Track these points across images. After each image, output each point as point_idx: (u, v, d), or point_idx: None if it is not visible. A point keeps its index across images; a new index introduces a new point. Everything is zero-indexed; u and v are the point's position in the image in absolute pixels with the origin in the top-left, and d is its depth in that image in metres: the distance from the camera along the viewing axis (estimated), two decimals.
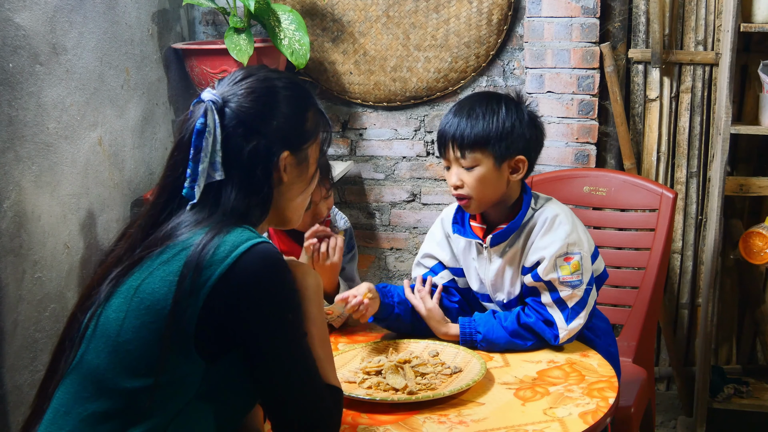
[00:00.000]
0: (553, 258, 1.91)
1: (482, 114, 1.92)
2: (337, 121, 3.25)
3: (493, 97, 1.98)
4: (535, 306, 1.95)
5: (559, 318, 1.93)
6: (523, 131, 1.94)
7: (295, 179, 1.50)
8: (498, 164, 1.93)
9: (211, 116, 1.42)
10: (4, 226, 2.13)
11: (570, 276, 1.92)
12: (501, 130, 1.91)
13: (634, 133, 2.96)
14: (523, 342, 1.95)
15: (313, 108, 1.53)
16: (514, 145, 1.93)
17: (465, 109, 1.94)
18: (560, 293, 1.92)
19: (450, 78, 3.08)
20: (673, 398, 3.13)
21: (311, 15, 3.11)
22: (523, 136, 1.94)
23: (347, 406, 1.72)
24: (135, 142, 2.79)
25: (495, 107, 1.93)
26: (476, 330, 1.97)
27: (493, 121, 1.92)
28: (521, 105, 1.98)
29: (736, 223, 2.96)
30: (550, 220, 1.95)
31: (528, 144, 1.96)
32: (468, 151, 1.92)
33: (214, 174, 1.42)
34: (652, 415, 2.54)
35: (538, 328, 1.94)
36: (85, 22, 2.48)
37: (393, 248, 3.30)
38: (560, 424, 1.63)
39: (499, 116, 1.92)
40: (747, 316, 3.06)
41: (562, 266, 1.92)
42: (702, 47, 2.88)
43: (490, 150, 1.92)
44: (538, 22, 2.90)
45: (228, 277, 1.34)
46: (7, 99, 2.14)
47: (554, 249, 1.92)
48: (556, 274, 1.92)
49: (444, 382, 1.79)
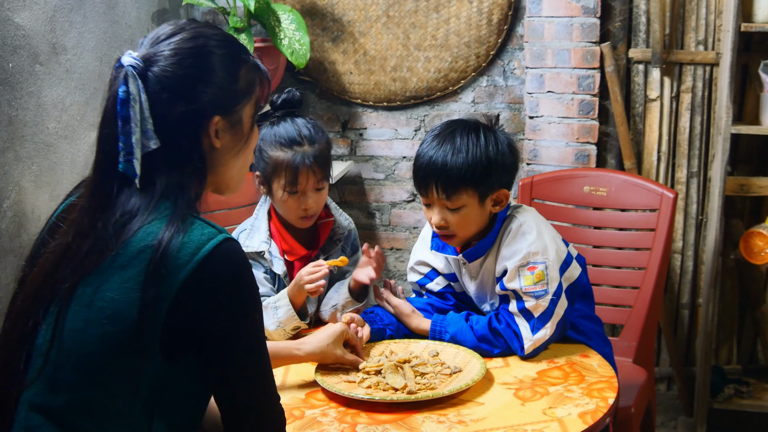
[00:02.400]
0: (515, 267, 1.88)
1: (465, 151, 1.85)
2: (337, 121, 3.25)
3: (471, 129, 1.89)
4: (504, 314, 1.92)
5: (525, 328, 1.89)
6: (504, 163, 1.89)
7: (229, 144, 1.41)
8: (482, 201, 1.89)
9: (134, 83, 1.32)
10: (4, 226, 2.13)
11: (533, 286, 1.87)
12: (484, 169, 1.86)
13: (635, 133, 2.95)
14: (490, 348, 1.92)
15: (246, 65, 1.42)
16: (497, 181, 1.89)
17: (446, 147, 1.87)
18: (525, 303, 1.89)
19: (450, 78, 3.08)
20: (673, 398, 3.12)
21: (311, 15, 3.11)
22: (505, 169, 1.90)
23: (347, 405, 1.72)
24: None
25: (475, 142, 1.86)
26: (445, 330, 1.96)
27: (476, 160, 1.85)
28: (497, 133, 1.91)
29: (737, 223, 2.96)
30: (515, 229, 1.92)
31: (509, 175, 1.93)
32: (453, 194, 1.87)
33: (148, 143, 1.33)
34: (652, 415, 2.54)
35: (506, 336, 1.91)
36: (85, 21, 2.48)
37: (393, 248, 3.30)
38: (559, 424, 1.63)
39: (480, 152, 1.86)
40: (747, 316, 3.06)
41: (525, 276, 1.88)
42: (702, 47, 2.88)
43: (474, 190, 1.87)
44: (538, 21, 2.90)
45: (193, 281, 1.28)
46: (7, 99, 2.14)
47: (517, 258, 1.88)
48: (519, 283, 1.88)
49: (443, 381, 1.79)
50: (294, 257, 2.16)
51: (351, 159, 3.25)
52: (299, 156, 2.06)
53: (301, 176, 2.06)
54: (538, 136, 2.95)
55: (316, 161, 2.07)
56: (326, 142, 2.15)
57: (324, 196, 2.15)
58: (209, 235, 1.31)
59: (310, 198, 2.10)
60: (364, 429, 1.63)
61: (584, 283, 2.07)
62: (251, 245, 2.13)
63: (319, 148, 2.10)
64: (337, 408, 1.72)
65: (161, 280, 1.26)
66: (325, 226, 2.20)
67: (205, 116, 1.36)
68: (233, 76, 1.39)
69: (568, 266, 1.97)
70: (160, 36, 1.39)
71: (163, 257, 1.27)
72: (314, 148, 2.09)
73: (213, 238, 1.30)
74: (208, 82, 1.36)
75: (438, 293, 2.10)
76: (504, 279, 1.91)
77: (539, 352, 1.94)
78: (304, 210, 2.10)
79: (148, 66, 1.35)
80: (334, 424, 1.65)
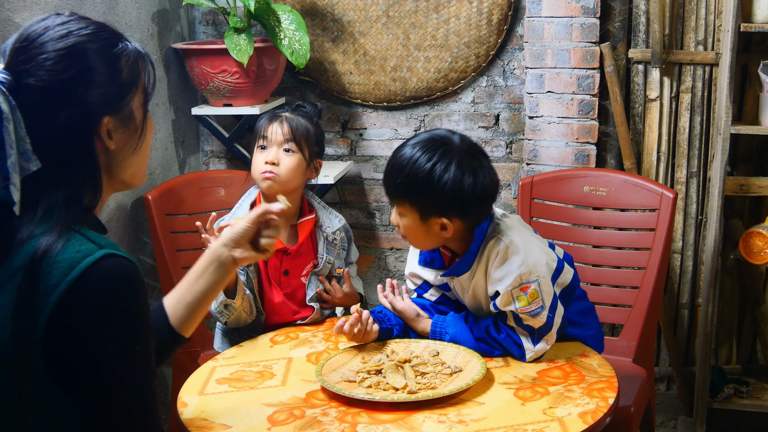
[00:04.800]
0: (507, 292, 1.87)
1: (410, 166, 1.82)
2: (337, 121, 3.25)
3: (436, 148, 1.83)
4: (504, 327, 1.94)
5: (526, 341, 1.91)
6: (450, 194, 1.81)
7: (124, 141, 1.31)
8: (423, 219, 1.86)
9: (4, 100, 1.18)
10: None
11: (528, 306, 1.87)
12: (420, 190, 1.82)
13: (634, 133, 2.95)
14: (489, 349, 1.94)
15: (124, 54, 1.30)
16: (437, 207, 1.84)
17: (404, 155, 1.85)
18: (522, 321, 1.90)
19: (450, 78, 3.09)
20: (673, 398, 3.13)
21: (311, 15, 3.11)
22: (448, 199, 1.82)
23: (348, 404, 1.72)
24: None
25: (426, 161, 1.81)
26: (445, 331, 1.98)
27: (417, 179, 1.82)
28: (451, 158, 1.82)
29: (736, 223, 2.96)
30: (502, 251, 1.88)
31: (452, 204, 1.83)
32: (393, 199, 1.90)
33: (28, 165, 1.20)
34: (652, 415, 2.54)
35: (506, 344, 1.93)
36: None
37: (393, 248, 3.30)
38: (560, 423, 1.63)
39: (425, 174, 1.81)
40: (747, 316, 3.06)
41: (519, 297, 1.87)
42: (702, 47, 2.88)
43: (411, 205, 1.86)
44: (538, 22, 2.90)
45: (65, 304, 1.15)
46: None
47: (508, 282, 1.87)
48: (514, 305, 1.88)
49: (444, 381, 1.79)
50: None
51: (351, 159, 3.25)
52: (274, 115, 2.26)
53: (269, 129, 2.23)
54: (538, 136, 2.96)
55: (288, 123, 2.23)
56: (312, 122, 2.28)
57: (293, 165, 2.23)
58: (85, 251, 1.18)
59: (274, 153, 2.22)
60: (365, 428, 1.63)
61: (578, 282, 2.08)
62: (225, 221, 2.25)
63: (296, 117, 2.25)
64: (338, 407, 1.72)
65: (31, 306, 1.15)
66: (306, 223, 2.28)
67: (93, 120, 1.25)
68: (114, 70, 1.28)
69: (560, 273, 1.97)
70: (25, 41, 1.24)
71: (33, 280, 1.15)
72: (293, 116, 2.26)
73: (89, 255, 1.17)
74: (90, 82, 1.24)
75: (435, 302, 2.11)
76: (497, 302, 1.91)
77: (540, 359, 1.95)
78: (265, 164, 2.21)
79: (19, 78, 1.21)
80: (335, 424, 1.65)
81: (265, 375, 1.91)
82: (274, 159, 2.21)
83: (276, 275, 2.29)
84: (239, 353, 2.06)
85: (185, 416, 1.72)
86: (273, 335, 2.17)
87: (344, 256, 2.39)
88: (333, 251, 2.32)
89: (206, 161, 3.34)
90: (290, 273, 2.30)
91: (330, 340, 2.12)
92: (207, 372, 1.94)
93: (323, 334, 2.17)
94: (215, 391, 1.84)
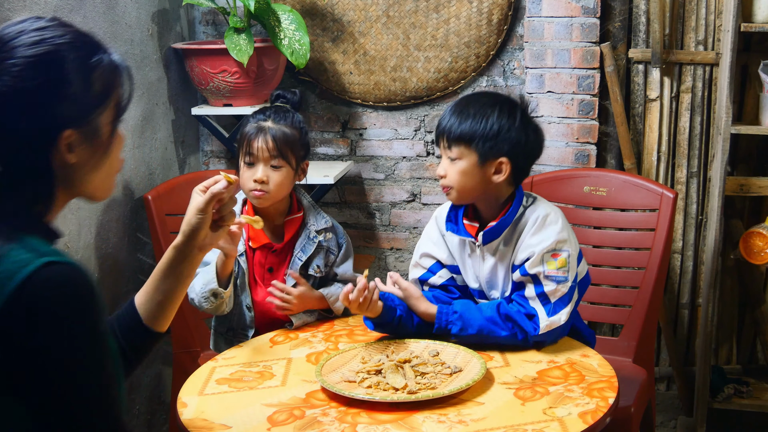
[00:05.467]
0: (541, 253, 1.96)
1: (473, 113, 1.99)
2: (337, 121, 3.25)
3: (490, 97, 2.04)
4: (519, 299, 1.98)
5: (541, 311, 1.96)
6: (511, 135, 1.98)
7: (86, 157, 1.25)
8: (481, 162, 1.99)
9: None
10: None
11: (556, 271, 1.96)
12: (487, 131, 1.97)
13: (635, 133, 2.95)
14: (497, 329, 1.95)
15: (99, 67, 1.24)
16: (498, 147, 1.98)
17: (460, 106, 2.02)
18: (544, 287, 1.96)
19: (450, 78, 3.08)
20: (673, 398, 3.12)
21: (311, 15, 3.11)
22: (510, 140, 1.98)
23: (348, 404, 1.72)
24: (135, 142, 2.79)
25: (488, 109, 1.99)
26: (452, 310, 1.99)
27: (481, 121, 1.98)
28: (517, 109, 2.02)
29: (737, 223, 2.96)
30: (541, 218, 2.00)
31: (515, 148, 2.00)
32: (454, 144, 2.00)
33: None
34: (652, 415, 2.54)
35: (518, 318, 1.96)
36: (85, 22, 2.48)
37: (393, 248, 3.30)
38: (560, 423, 1.63)
39: (489, 118, 1.98)
40: (747, 316, 3.06)
41: (549, 261, 1.96)
42: (702, 47, 2.88)
43: (474, 147, 1.98)
44: (538, 22, 2.90)
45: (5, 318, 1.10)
46: None
47: (544, 245, 1.96)
48: (542, 268, 1.96)
49: (444, 381, 1.79)
50: (256, 244, 2.27)
51: (351, 159, 3.25)
52: (258, 127, 2.22)
53: (254, 145, 2.20)
54: None
55: (272, 135, 2.20)
56: (295, 128, 2.26)
57: (281, 179, 2.23)
58: (24, 261, 1.12)
59: (262, 171, 2.21)
60: (365, 429, 1.63)
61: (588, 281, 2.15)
62: None
63: (280, 128, 2.22)
64: (338, 408, 1.72)
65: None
66: (293, 221, 2.30)
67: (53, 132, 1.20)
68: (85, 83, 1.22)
69: (579, 262, 2.06)
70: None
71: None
72: (276, 125, 2.23)
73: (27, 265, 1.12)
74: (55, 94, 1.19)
75: (441, 286, 2.13)
76: (527, 264, 1.98)
77: (549, 340, 1.97)
78: (254, 182, 2.21)
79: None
80: (335, 424, 1.65)
81: (265, 375, 1.91)
82: (262, 177, 2.20)
83: (260, 272, 2.29)
84: (239, 354, 2.06)
85: (185, 417, 1.72)
86: (273, 335, 2.17)
87: (333, 261, 2.34)
88: (310, 250, 2.28)
89: (206, 161, 3.34)
90: (274, 270, 2.29)
91: (330, 340, 2.12)
92: (207, 372, 1.94)
93: (323, 335, 2.16)
94: (215, 391, 1.84)
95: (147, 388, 2.91)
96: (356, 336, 2.13)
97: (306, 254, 2.27)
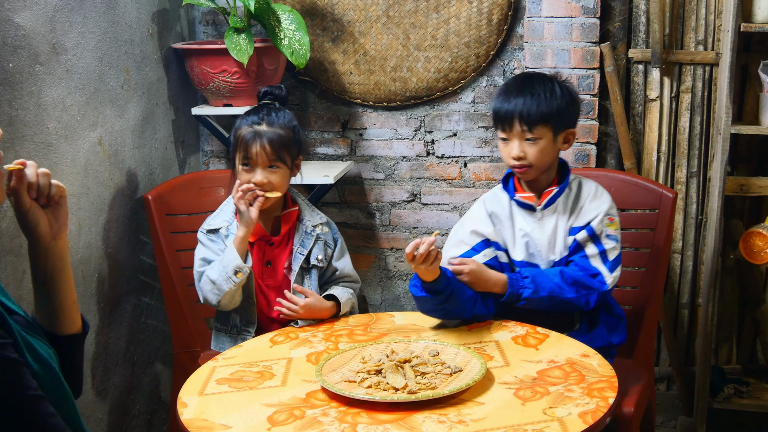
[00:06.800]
0: (603, 215, 2.18)
1: (543, 93, 2.16)
2: (337, 121, 3.25)
3: (545, 77, 2.22)
4: (579, 261, 2.16)
5: (603, 268, 2.16)
6: (572, 108, 2.21)
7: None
8: (555, 137, 2.18)
9: None
10: (4, 226, 2.13)
11: (614, 231, 2.19)
12: (560, 107, 2.16)
13: (634, 133, 2.95)
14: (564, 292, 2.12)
15: None
16: (569, 119, 2.21)
17: (526, 89, 2.16)
18: (605, 245, 2.17)
19: (450, 78, 3.08)
20: (673, 398, 3.13)
21: (311, 15, 3.11)
22: (573, 112, 2.22)
23: (348, 404, 1.72)
24: (135, 142, 2.79)
25: (548, 85, 2.17)
26: (523, 275, 2.14)
27: (553, 99, 2.16)
28: (565, 83, 2.22)
29: (736, 223, 2.96)
30: (594, 188, 2.24)
31: (576, 118, 2.25)
32: (534, 125, 2.15)
33: None
34: (652, 415, 2.54)
35: (584, 280, 2.14)
36: (85, 22, 2.48)
37: (393, 248, 3.30)
38: (560, 424, 1.63)
39: (556, 94, 2.16)
40: (747, 316, 3.06)
41: (608, 224, 2.19)
42: (702, 47, 2.88)
43: (551, 124, 2.16)
44: (538, 22, 2.90)
45: None
46: (7, 99, 2.14)
47: (604, 208, 2.19)
48: (603, 228, 2.18)
49: (444, 381, 1.79)
50: (254, 238, 2.33)
51: (351, 159, 3.25)
52: (253, 132, 2.28)
53: (252, 149, 2.26)
54: None
55: (269, 140, 2.26)
56: (288, 128, 2.32)
57: (280, 179, 2.30)
58: None
59: (260, 174, 2.27)
60: (365, 429, 1.63)
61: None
62: (213, 223, 2.36)
63: (275, 131, 2.28)
64: (338, 408, 1.72)
65: None
66: (289, 215, 2.38)
67: None
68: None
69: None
70: None
71: None
72: (271, 128, 2.29)
73: None
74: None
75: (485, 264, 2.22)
76: (593, 223, 2.17)
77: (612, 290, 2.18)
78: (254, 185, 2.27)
79: None
80: (335, 424, 1.65)
81: (265, 375, 1.91)
82: (262, 180, 2.28)
83: (259, 266, 2.35)
84: (239, 353, 2.06)
85: (185, 417, 1.72)
86: (273, 335, 2.17)
87: (331, 254, 2.40)
88: (309, 243, 2.34)
89: (206, 161, 3.34)
90: (273, 264, 2.35)
91: (330, 340, 2.12)
92: (207, 372, 1.94)
93: (323, 335, 2.17)
94: (215, 391, 1.84)
95: (147, 388, 2.91)
96: (356, 336, 2.13)
97: (306, 248, 2.34)
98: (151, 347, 2.93)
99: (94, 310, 2.55)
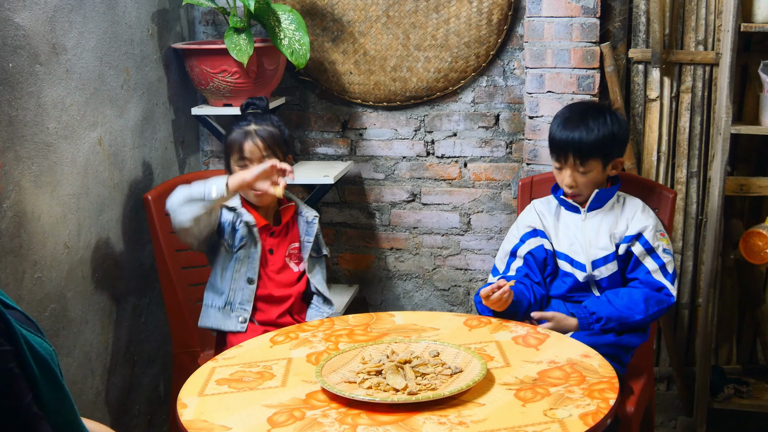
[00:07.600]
0: (653, 228, 2.33)
1: (597, 128, 2.30)
2: (337, 121, 3.25)
3: (599, 109, 2.37)
4: (645, 278, 2.30)
5: (666, 281, 2.30)
6: (623, 138, 2.38)
7: None
8: (605, 167, 2.35)
9: None
10: (4, 226, 2.13)
11: (668, 245, 2.34)
12: (611, 140, 2.32)
13: (635, 133, 2.95)
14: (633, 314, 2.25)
15: None
16: (618, 150, 2.37)
17: (581, 122, 2.32)
18: (663, 260, 2.31)
19: (450, 78, 3.08)
20: (673, 398, 3.13)
21: (311, 15, 3.11)
22: (623, 142, 2.39)
23: (348, 405, 1.72)
24: (135, 142, 2.79)
25: (603, 120, 2.32)
26: (590, 312, 2.26)
27: (605, 134, 2.31)
28: (614, 113, 2.37)
29: (737, 223, 2.96)
30: (641, 203, 2.39)
31: (624, 146, 2.41)
32: (586, 161, 2.31)
33: None
34: (652, 415, 2.54)
35: (654, 296, 2.27)
36: (85, 22, 2.48)
37: (393, 248, 3.30)
38: (560, 425, 1.63)
39: (607, 128, 2.31)
40: (747, 316, 3.06)
41: (661, 238, 2.33)
42: (702, 47, 2.88)
43: (602, 158, 2.33)
44: (538, 22, 2.90)
45: None
46: (7, 99, 2.14)
47: (653, 223, 2.34)
48: (658, 242, 2.32)
49: (444, 382, 1.79)
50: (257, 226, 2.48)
51: (351, 159, 3.25)
52: (244, 132, 2.44)
53: (245, 146, 2.41)
54: (538, 136, 2.95)
55: (260, 136, 2.41)
56: (276, 127, 2.48)
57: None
58: None
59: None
60: (365, 430, 1.63)
61: None
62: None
63: (265, 128, 2.44)
64: (338, 409, 1.72)
65: None
66: (288, 209, 2.55)
67: None
68: None
69: None
70: None
71: None
72: (260, 126, 2.44)
73: None
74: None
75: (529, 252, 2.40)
76: (647, 236, 2.31)
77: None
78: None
79: None
80: (335, 425, 1.65)
81: (265, 376, 1.91)
82: None
83: (262, 254, 2.48)
84: (239, 354, 2.06)
85: (185, 417, 1.72)
86: (273, 335, 2.17)
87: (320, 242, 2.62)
88: (313, 231, 2.56)
89: (206, 161, 3.34)
90: (275, 252, 2.51)
91: (330, 340, 2.12)
92: (207, 373, 1.94)
93: (323, 335, 2.16)
94: (215, 392, 1.84)
95: (147, 388, 2.91)
96: (356, 336, 2.13)
97: (311, 236, 2.55)
98: (151, 347, 2.93)
99: (94, 310, 2.55)
